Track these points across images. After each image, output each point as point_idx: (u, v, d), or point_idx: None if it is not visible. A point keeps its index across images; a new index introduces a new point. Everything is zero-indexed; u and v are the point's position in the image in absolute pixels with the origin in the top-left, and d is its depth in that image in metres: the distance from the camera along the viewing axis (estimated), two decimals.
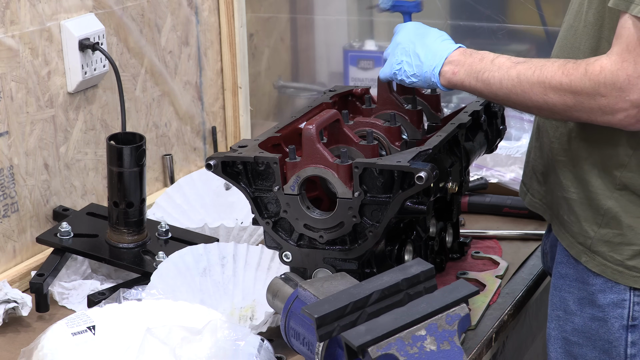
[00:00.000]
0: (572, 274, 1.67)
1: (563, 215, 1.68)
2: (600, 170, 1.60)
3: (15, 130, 1.91)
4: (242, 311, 1.77)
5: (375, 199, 1.59)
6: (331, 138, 1.69)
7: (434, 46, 1.66)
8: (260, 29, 2.65)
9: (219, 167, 1.66)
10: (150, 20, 2.24)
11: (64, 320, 1.56)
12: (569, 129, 1.64)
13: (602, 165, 1.60)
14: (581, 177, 1.63)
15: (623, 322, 1.61)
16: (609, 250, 1.60)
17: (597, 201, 1.61)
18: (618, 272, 1.60)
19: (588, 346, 1.66)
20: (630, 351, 1.63)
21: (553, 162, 1.69)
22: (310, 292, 1.43)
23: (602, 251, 1.61)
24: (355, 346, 1.28)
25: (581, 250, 1.64)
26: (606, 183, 1.60)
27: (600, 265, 1.62)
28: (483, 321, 1.76)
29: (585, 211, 1.63)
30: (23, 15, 1.90)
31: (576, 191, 1.64)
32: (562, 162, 1.66)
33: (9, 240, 1.92)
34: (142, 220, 1.93)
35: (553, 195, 1.71)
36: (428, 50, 1.66)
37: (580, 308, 1.66)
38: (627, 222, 1.59)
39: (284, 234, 1.67)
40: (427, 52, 1.66)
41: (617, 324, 1.62)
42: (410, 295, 1.37)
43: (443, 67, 1.64)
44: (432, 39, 1.67)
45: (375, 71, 2.76)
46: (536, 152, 1.76)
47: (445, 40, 1.67)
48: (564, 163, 1.66)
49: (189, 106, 2.40)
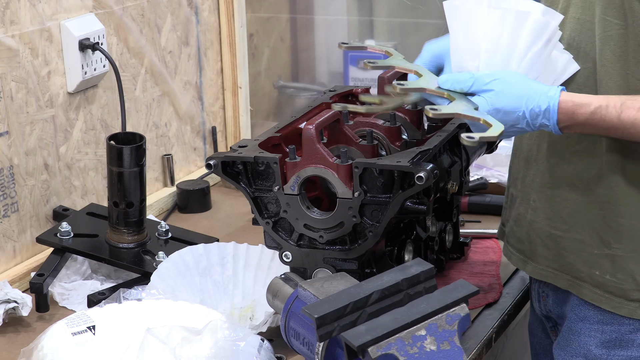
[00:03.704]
0: (594, 316, 1.63)
1: (603, 275, 1.60)
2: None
3: (15, 130, 1.91)
4: (242, 311, 1.77)
5: (375, 199, 1.59)
6: (331, 138, 1.69)
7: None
8: (260, 29, 2.65)
9: (219, 167, 1.66)
10: (150, 20, 2.24)
11: (64, 320, 1.56)
12: (608, 180, 1.58)
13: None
14: (629, 229, 1.57)
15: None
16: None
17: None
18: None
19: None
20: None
21: (579, 218, 1.62)
22: (310, 292, 1.43)
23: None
24: (355, 346, 1.28)
25: (637, 307, 1.58)
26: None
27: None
28: (483, 321, 1.76)
29: (638, 264, 1.58)
30: (23, 15, 1.90)
31: (621, 246, 1.58)
32: (598, 215, 1.59)
33: (9, 240, 1.92)
34: (142, 220, 1.93)
35: (576, 256, 1.63)
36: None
37: (607, 352, 1.62)
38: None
39: (284, 234, 1.67)
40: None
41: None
42: (410, 295, 1.37)
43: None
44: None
45: (375, 71, 2.76)
46: (538, 213, 1.68)
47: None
48: (600, 217, 1.59)
49: (189, 106, 2.40)
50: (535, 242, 1.70)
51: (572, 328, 1.66)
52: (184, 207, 2.29)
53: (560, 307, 1.71)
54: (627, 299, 1.59)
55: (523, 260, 1.73)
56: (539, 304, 1.77)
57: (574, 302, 1.66)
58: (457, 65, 1.57)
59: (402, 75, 1.77)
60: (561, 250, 1.65)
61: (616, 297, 1.60)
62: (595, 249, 1.61)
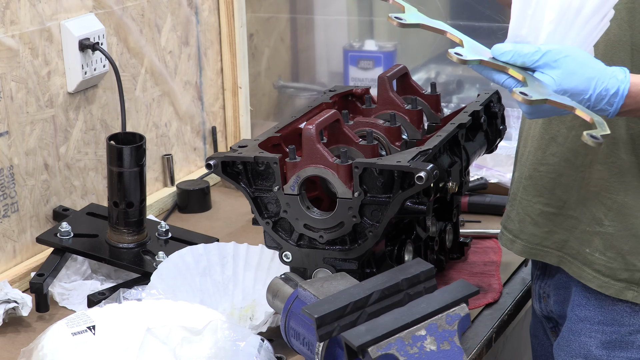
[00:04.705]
0: (594, 317, 1.61)
1: (593, 253, 1.57)
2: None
3: (15, 130, 1.91)
4: (242, 311, 1.77)
5: (375, 199, 1.59)
6: (331, 138, 1.69)
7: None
8: (260, 29, 2.65)
9: (219, 167, 1.66)
10: (150, 20, 2.24)
11: (64, 320, 1.56)
12: (605, 157, 1.55)
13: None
14: (621, 206, 1.54)
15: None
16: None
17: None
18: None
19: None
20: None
21: (573, 195, 1.59)
22: (310, 292, 1.43)
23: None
24: (355, 346, 1.28)
25: (624, 288, 1.56)
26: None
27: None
28: (483, 321, 1.76)
29: (628, 243, 1.54)
30: (23, 15, 1.90)
31: (613, 224, 1.55)
32: (592, 192, 1.56)
33: (9, 240, 1.92)
34: (142, 220, 1.93)
35: (569, 233, 1.61)
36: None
37: (607, 353, 1.60)
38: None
39: (284, 234, 1.67)
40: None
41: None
42: (410, 295, 1.38)
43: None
44: None
45: (375, 71, 2.76)
46: (530, 190, 1.65)
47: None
48: (594, 194, 1.56)
49: (189, 106, 2.40)
50: (525, 220, 1.67)
51: (572, 328, 1.65)
52: (184, 207, 2.29)
53: (561, 307, 1.70)
54: (615, 278, 1.56)
55: (511, 239, 1.70)
56: (539, 305, 1.77)
57: (574, 302, 1.65)
58: (514, 34, 1.41)
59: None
60: (553, 227, 1.63)
61: (604, 276, 1.57)
62: (587, 225, 1.58)
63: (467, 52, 1.38)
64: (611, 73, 1.38)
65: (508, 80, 1.37)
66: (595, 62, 1.39)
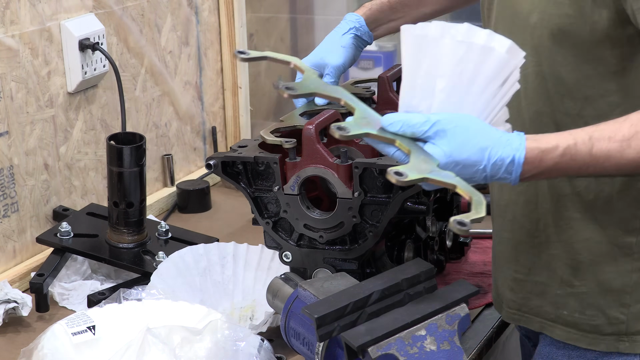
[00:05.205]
0: (563, 354, 1.56)
1: (572, 314, 1.52)
2: (614, 248, 1.47)
3: (15, 130, 1.91)
4: (242, 311, 1.77)
5: (375, 199, 1.59)
6: (331, 138, 1.69)
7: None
8: (260, 29, 2.65)
9: (219, 167, 1.66)
10: (150, 20, 2.24)
11: (64, 320, 1.56)
12: (567, 218, 1.50)
13: (615, 241, 1.46)
14: (588, 265, 1.50)
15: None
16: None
17: (618, 281, 1.48)
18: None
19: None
20: None
21: (535, 261, 1.54)
22: (310, 292, 1.43)
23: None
24: (355, 346, 1.28)
25: (614, 340, 1.50)
26: (624, 259, 1.47)
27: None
28: (483, 321, 1.76)
29: (605, 298, 1.49)
30: (23, 15, 1.90)
31: (583, 282, 1.50)
32: (554, 256, 1.52)
33: (9, 240, 1.92)
34: (142, 220, 1.93)
35: (542, 299, 1.55)
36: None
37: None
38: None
39: (284, 234, 1.67)
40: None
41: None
42: (410, 295, 1.37)
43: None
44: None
45: (375, 71, 2.77)
46: (501, 256, 1.61)
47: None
48: (556, 257, 1.52)
49: (189, 106, 2.40)
50: (503, 286, 1.62)
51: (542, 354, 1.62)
52: (184, 207, 2.29)
53: (535, 332, 1.66)
54: (601, 334, 1.51)
55: (499, 303, 1.66)
56: (517, 326, 1.75)
57: (544, 341, 1.60)
58: (405, 103, 1.33)
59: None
60: (527, 294, 1.58)
61: (590, 333, 1.52)
62: (558, 289, 1.53)
63: (355, 123, 1.30)
64: (506, 141, 1.29)
65: (397, 152, 1.30)
66: (491, 131, 1.29)
